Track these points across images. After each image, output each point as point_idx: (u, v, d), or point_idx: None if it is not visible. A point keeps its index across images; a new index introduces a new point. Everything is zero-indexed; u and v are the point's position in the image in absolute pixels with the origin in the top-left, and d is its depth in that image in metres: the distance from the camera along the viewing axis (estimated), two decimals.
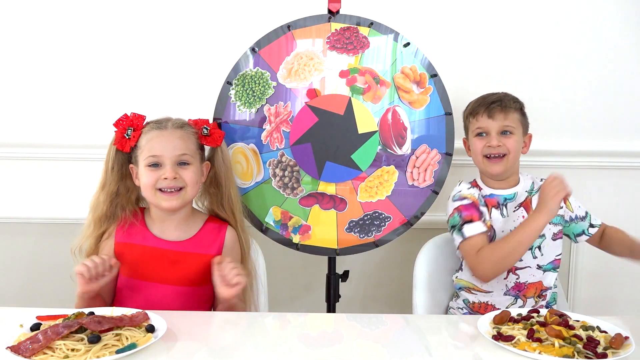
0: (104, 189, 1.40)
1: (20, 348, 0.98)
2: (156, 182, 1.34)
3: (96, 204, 1.40)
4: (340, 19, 1.57)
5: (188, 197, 1.38)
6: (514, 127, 1.49)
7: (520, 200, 1.52)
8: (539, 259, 1.50)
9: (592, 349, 1.01)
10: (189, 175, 1.36)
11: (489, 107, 1.49)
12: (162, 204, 1.36)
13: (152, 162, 1.35)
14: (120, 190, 1.41)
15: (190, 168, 1.37)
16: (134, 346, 1.01)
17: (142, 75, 1.87)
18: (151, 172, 1.35)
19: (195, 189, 1.40)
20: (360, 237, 1.60)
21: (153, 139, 1.37)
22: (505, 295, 1.50)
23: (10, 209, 1.94)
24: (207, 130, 1.44)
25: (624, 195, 1.94)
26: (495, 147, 1.48)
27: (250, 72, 1.57)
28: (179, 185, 1.36)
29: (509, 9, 1.85)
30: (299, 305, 2.03)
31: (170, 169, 1.34)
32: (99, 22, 1.86)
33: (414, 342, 1.16)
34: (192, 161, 1.38)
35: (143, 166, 1.36)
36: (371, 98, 1.57)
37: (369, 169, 1.57)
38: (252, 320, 1.28)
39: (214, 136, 1.45)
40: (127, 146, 1.38)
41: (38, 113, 1.89)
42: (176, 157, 1.36)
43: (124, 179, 1.41)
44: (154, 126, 1.39)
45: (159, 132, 1.37)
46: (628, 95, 1.90)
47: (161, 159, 1.35)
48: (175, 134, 1.38)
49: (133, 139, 1.38)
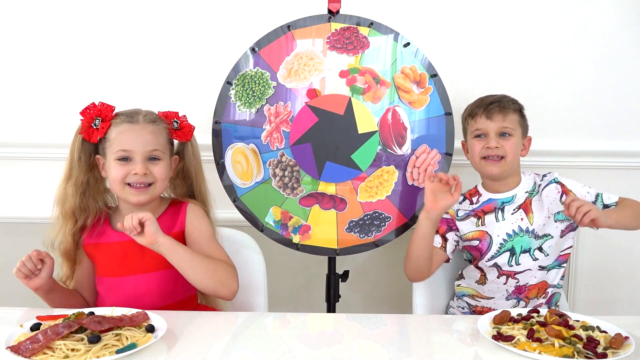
0: (69, 180, 1.36)
1: (20, 348, 0.98)
2: (125, 176, 1.32)
3: (64, 196, 1.36)
4: (340, 19, 1.57)
5: (157, 193, 1.37)
6: (512, 128, 1.49)
7: (519, 202, 1.52)
8: (540, 260, 1.48)
9: (592, 349, 1.01)
10: (159, 171, 1.35)
11: (488, 108, 1.49)
12: (130, 199, 1.34)
13: (121, 156, 1.32)
14: (90, 182, 1.38)
15: (160, 164, 1.35)
16: (134, 346, 1.01)
17: (142, 75, 1.87)
18: (120, 166, 1.32)
19: (164, 184, 1.38)
20: (360, 237, 1.60)
21: (124, 132, 1.33)
22: (507, 300, 1.50)
23: (10, 209, 1.94)
24: (177, 123, 1.42)
25: (627, 195, 1.94)
26: (493, 149, 1.47)
27: (250, 72, 1.57)
28: (149, 181, 1.34)
29: (509, 9, 1.85)
30: (299, 305, 2.03)
31: (140, 165, 1.32)
32: (99, 22, 1.86)
33: (414, 342, 1.16)
34: (162, 157, 1.36)
35: (112, 159, 1.33)
36: (371, 98, 1.57)
37: (369, 169, 1.57)
38: (252, 320, 1.29)
39: (184, 130, 1.43)
40: (95, 137, 1.34)
41: (37, 113, 1.89)
42: (147, 153, 1.33)
43: (92, 169, 1.38)
44: (125, 119, 1.35)
45: (130, 126, 1.34)
46: (628, 95, 1.90)
47: (132, 153, 1.32)
48: (147, 128, 1.35)
49: (102, 130, 1.34)
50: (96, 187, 1.40)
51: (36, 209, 1.93)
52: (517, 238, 1.48)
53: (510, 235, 1.49)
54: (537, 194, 1.52)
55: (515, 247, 1.48)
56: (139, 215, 1.22)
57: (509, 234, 1.49)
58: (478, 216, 1.53)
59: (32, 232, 1.94)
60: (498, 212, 1.51)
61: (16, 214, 1.94)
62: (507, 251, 1.49)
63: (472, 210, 1.54)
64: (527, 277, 1.49)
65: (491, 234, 1.50)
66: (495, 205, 1.52)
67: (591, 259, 1.98)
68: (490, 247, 1.50)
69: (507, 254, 1.49)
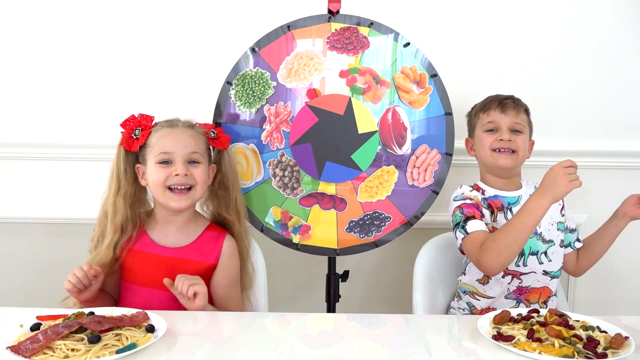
0: (119, 192, 1.37)
1: (20, 348, 0.98)
2: (166, 179, 1.34)
3: (114, 209, 1.36)
4: (340, 19, 1.57)
5: (197, 197, 1.39)
6: (523, 126, 1.50)
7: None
8: (545, 264, 1.48)
9: (592, 349, 1.01)
10: (199, 173, 1.37)
11: (503, 103, 1.49)
12: (170, 204, 1.35)
13: (163, 159, 1.35)
14: (136, 192, 1.40)
15: (200, 167, 1.37)
16: (134, 346, 1.01)
17: (142, 75, 1.87)
18: (162, 169, 1.34)
19: (204, 189, 1.40)
20: (360, 237, 1.60)
21: (164, 136, 1.36)
22: (506, 299, 1.50)
23: (10, 209, 1.94)
24: (214, 133, 1.45)
25: (627, 195, 1.95)
26: (506, 142, 1.47)
27: (250, 72, 1.57)
28: (190, 182, 1.35)
29: (509, 8, 1.85)
30: (299, 305, 2.03)
31: (181, 166, 1.34)
32: (99, 22, 1.86)
33: (414, 342, 1.16)
34: (201, 160, 1.38)
35: (153, 163, 1.35)
36: (371, 98, 1.57)
37: (369, 169, 1.57)
38: (252, 320, 1.28)
39: (221, 139, 1.46)
40: (135, 145, 1.37)
41: (39, 113, 1.89)
42: (187, 155, 1.36)
43: (136, 180, 1.41)
44: (165, 124, 1.40)
45: (170, 130, 1.38)
46: (628, 95, 1.90)
47: (172, 155, 1.35)
48: (187, 132, 1.38)
49: (142, 138, 1.37)
50: (140, 197, 1.43)
51: (37, 209, 1.93)
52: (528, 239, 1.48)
53: None
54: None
55: (524, 249, 1.47)
56: (196, 288, 1.25)
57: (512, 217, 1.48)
58: (492, 210, 1.50)
59: (32, 232, 1.95)
60: (507, 211, 1.50)
61: (17, 214, 1.94)
62: None
63: (485, 199, 1.50)
64: (531, 279, 1.48)
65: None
66: (502, 203, 1.51)
67: None
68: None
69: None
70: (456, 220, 1.45)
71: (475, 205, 1.46)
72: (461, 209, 1.45)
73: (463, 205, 1.46)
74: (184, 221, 1.41)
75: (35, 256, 1.97)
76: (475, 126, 1.54)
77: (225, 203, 1.47)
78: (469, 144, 1.58)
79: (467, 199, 1.47)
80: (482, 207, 1.48)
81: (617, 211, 1.49)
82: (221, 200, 1.47)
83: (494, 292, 1.51)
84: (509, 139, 1.47)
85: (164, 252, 1.38)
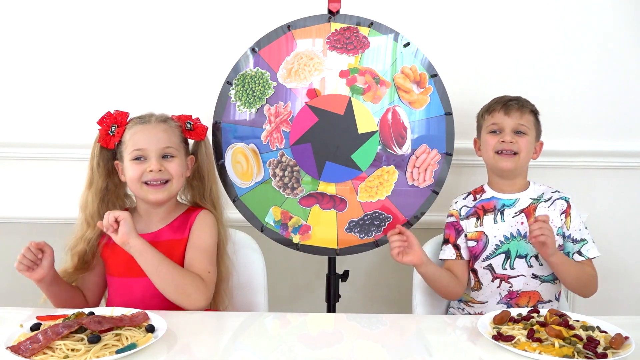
0: (91, 187, 1.40)
1: (20, 348, 0.98)
2: (141, 175, 1.35)
3: (85, 202, 1.40)
4: (340, 19, 1.57)
5: (174, 190, 1.40)
6: (528, 127, 1.50)
7: (522, 206, 1.52)
8: (535, 268, 1.48)
9: (592, 349, 1.01)
10: (173, 167, 1.38)
11: (507, 104, 1.51)
12: (148, 197, 1.37)
13: (136, 155, 1.36)
14: (109, 187, 1.42)
15: (174, 161, 1.38)
16: (134, 346, 1.01)
17: (142, 75, 1.87)
18: (136, 165, 1.36)
19: (180, 181, 1.41)
20: (360, 237, 1.60)
21: (137, 133, 1.37)
22: (498, 304, 1.50)
23: (10, 209, 1.94)
24: (190, 124, 1.46)
25: (629, 195, 1.95)
26: (508, 143, 1.48)
27: (250, 72, 1.57)
28: (165, 177, 1.37)
29: (509, 8, 1.85)
30: (299, 305, 2.03)
31: (155, 162, 1.35)
32: (98, 23, 1.86)
33: (414, 342, 1.16)
34: (176, 154, 1.39)
35: (128, 160, 1.37)
36: (371, 98, 1.57)
37: (369, 169, 1.57)
38: (252, 320, 1.28)
39: (198, 130, 1.47)
40: (112, 143, 1.39)
41: (37, 113, 1.89)
42: (160, 150, 1.37)
43: (111, 175, 1.42)
44: (137, 121, 1.40)
45: (142, 127, 1.38)
46: (629, 95, 1.90)
47: (145, 152, 1.36)
48: (159, 127, 1.39)
49: (117, 135, 1.39)
50: (116, 192, 1.44)
51: (37, 210, 1.93)
52: (514, 242, 1.49)
53: (507, 238, 1.49)
54: (548, 202, 1.52)
55: (511, 251, 1.49)
56: (116, 214, 1.25)
57: (506, 236, 1.49)
58: (478, 216, 1.53)
59: (32, 232, 1.95)
60: (497, 213, 1.52)
61: (17, 214, 1.94)
62: (503, 253, 1.49)
63: (474, 206, 1.54)
64: (521, 283, 1.49)
65: (487, 235, 1.50)
66: (495, 205, 1.53)
67: None
68: (486, 248, 1.50)
69: (502, 257, 1.49)
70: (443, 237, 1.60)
71: (453, 224, 1.57)
72: (445, 228, 1.59)
73: (446, 225, 1.59)
74: (165, 212, 1.42)
75: None
76: (482, 127, 1.56)
77: (200, 193, 1.48)
78: (477, 144, 1.60)
79: (450, 216, 1.58)
80: (460, 218, 1.56)
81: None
82: (195, 190, 1.49)
83: (485, 297, 1.52)
84: (510, 140, 1.48)
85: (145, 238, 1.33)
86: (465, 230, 1.54)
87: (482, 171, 1.63)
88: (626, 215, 1.96)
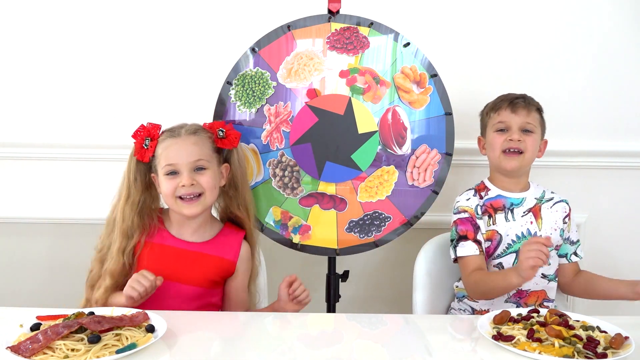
0: (128, 200, 1.39)
1: (20, 348, 0.98)
2: (175, 190, 1.36)
3: (122, 217, 1.38)
4: (340, 19, 1.57)
5: (208, 202, 1.40)
6: (534, 125, 1.50)
7: (529, 205, 1.52)
8: (544, 268, 1.48)
9: (592, 349, 1.01)
10: (206, 180, 1.37)
11: (513, 102, 1.50)
12: (183, 212, 1.37)
13: (169, 170, 1.36)
14: (146, 200, 1.42)
15: (207, 173, 1.38)
16: (134, 346, 1.01)
17: (143, 75, 1.87)
18: (169, 180, 1.36)
19: (214, 193, 1.41)
20: (360, 237, 1.60)
21: (168, 147, 1.38)
22: (506, 302, 1.50)
23: (12, 209, 1.94)
24: (222, 132, 1.45)
25: (629, 195, 1.95)
26: (515, 142, 1.48)
27: (250, 72, 1.57)
28: (197, 191, 1.37)
29: (509, 8, 1.85)
30: None
31: (187, 176, 1.35)
32: (99, 22, 1.86)
33: (414, 342, 1.16)
34: (208, 166, 1.39)
35: (162, 175, 1.37)
36: (371, 98, 1.57)
37: (369, 169, 1.57)
38: (252, 320, 1.28)
39: (230, 138, 1.46)
40: (147, 156, 1.40)
41: (41, 113, 1.89)
42: (192, 164, 1.37)
43: (148, 188, 1.42)
44: (168, 134, 1.40)
45: (173, 140, 1.38)
46: (628, 95, 1.90)
47: (177, 166, 1.36)
48: (189, 140, 1.38)
49: (151, 149, 1.39)
50: (152, 205, 1.44)
51: (37, 210, 1.93)
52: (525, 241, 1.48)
53: (519, 237, 1.49)
54: (549, 202, 1.53)
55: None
56: (309, 299, 1.37)
57: (518, 235, 1.49)
58: (489, 214, 1.51)
59: (31, 232, 1.95)
60: (508, 212, 1.51)
61: (17, 214, 1.94)
62: (514, 252, 1.49)
63: (483, 204, 1.52)
64: (531, 283, 1.48)
65: (501, 234, 1.49)
66: (504, 204, 1.52)
67: (591, 259, 1.97)
68: (498, 247, 1.49)
69: (513, 256, 1.49)
70: (452, 236, 1.52)
71: (469, 220, 1.49)
72: (456, 225, 1.50)
73: (458, 221, 1.51)
74: (199, 224, 1.42)
75: (36, 256, 1.97)
76: (487, 125, 1.55)
77: (236, 202, 1.48)
78: (481, 142, 1.59)
79: (462, 212, 1.51)
80: (477, 217, 1.50)
81: (633, 289, 1.43)
82: (232, 199, 1.48)
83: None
84: (518, 139, 1.48)
85: (184, 246, 1.40)
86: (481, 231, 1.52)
87: (482, 171, 1.63)
88: (626, 215, 1.96)
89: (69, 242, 1.92)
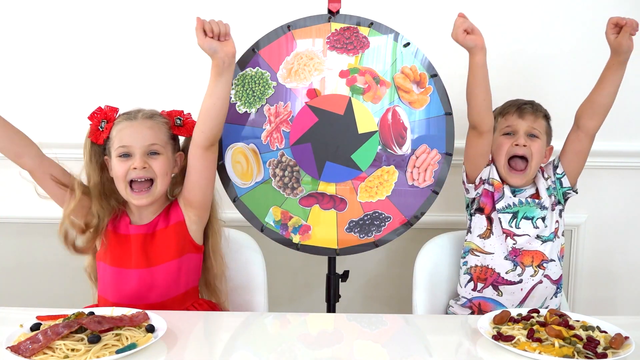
0: (89, 182, 1.40)
1: (20, 348, 0.98)
2: (127, 172, 1.35)
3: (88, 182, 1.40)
4: (340, 19, 1.57)
5: (157, 192, 1.38)
6: (540, 132, 1.54)
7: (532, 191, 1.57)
8: (540, 229, 1.52)
9: (592, 349, 1.01)
10: (158, 165, 1.37)
11: (521, 107, 1.54)
12: (131, 201, 1.38)
13: (122, 152, 1.35)
14: (104, 182, 1.41)
15: (160, 158, 1.37)
16: (134, 346, 1.01)
17: (142, 75, 1.87)
18: (121, 162, 1.35)
19: (166, 180, 1.40)
20: (360, 237, 1.60)
21: (123, 129, 1.37)
22: (505, 259, 1.52)
23: (12, 209, 1.94)
24: (180, 120, 1.44)
25: (629, 195, 1.95)
26: (521, 147, 1.51)
27: (250, 72, 1.57)
28: (149, 175, 1.36)
29: (508, 9, 1.85)
30: (299, 305, 2.03)
31: (139, 159, 1.34)
32: (97, 22, 1.86)
33: (414, 342, 1.16)
34: (162, 151, 1.38)
35: (114, 157, 1.37)
36: (371, 98, 1.57)
37: (369, 169, 1.57)
38: (252, 320, 1.29)
39: (188, 126, 1.45)
40: (101, 138, 1.39)
41: (38, 113, 1.89)
42: (146, 147, 1.36)
43: (104, 170, 1.42)
44: (124, 117, 1.40)
45: (128, 123, 1.38)
46: (628, 95, 1.88)
47: (131, 149, 1.35)
48: (145, 124, 1.38)
49: (106, 131, 1.38)
50: (111, 187, 1.42)
51: (37, 210, 1.92)
52: (526, 207, 1.53)
53: (521, 203, 1.54)
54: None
55: (519, 213, 1.53)
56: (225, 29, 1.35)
57: (520, 201, 1.54)
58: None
59: (31, 232, 1.95)
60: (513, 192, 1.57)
61: (17, 214, 1.94)
62: (511, 213, 1.53)
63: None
64: (524, 242, 1.52)
65: (505, 193, 1.54)
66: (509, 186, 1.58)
67: (591, 259, 1.98)
68: (500, 200, 1.54)
69: (509, 216, 1.53)
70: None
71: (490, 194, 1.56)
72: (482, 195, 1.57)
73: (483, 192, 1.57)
74: (157, 206, 1.42)
75: (36, 256, 1.97)
76: (495, 129, 1.57)
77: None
78: None
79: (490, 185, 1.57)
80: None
81: (613, 50, 1.47)
82: (178, 185, 1.48)
83: (493, 249, 1.54)
84: (524, 144, 1.52)
85: (142, 231, 1.39)
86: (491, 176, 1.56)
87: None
88: (626, 215, 1.96)
89: None
